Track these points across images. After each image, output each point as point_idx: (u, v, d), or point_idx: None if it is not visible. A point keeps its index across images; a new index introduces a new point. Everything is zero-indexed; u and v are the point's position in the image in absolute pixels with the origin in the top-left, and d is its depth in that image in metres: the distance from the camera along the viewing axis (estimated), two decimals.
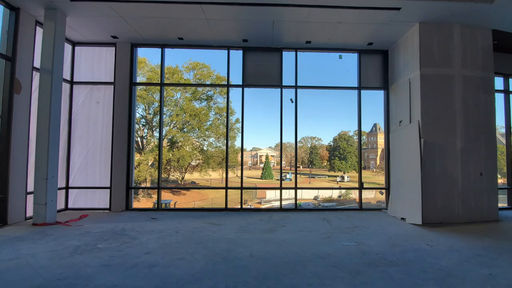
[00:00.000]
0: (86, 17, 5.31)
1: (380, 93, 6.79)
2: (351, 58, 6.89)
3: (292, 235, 4.28)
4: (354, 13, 5.04)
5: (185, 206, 21.62)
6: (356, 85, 6.68)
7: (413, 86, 5.57)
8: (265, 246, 3.75)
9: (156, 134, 23.84)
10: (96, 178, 6.23)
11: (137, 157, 21.68)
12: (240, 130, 6.68)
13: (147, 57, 22.32)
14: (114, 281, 2.62)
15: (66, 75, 6.09)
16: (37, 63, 5.13)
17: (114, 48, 6.32)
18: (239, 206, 6.52)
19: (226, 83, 6.82)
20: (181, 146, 22.99)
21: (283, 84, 6.54)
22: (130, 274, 2.80)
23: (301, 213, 6.08)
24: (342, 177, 40.35)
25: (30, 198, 4.96)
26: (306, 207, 6.78)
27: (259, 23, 5.46)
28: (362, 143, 6.82)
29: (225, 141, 6.67)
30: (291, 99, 6.69)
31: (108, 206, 6.12)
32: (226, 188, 6.51)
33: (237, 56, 6.63)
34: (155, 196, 21.63)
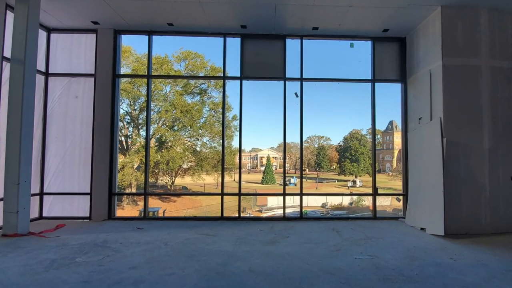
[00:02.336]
0: (63, 0, 5.31)
1: (397, 87, 6.79)
2: (364, 47, 6.90)
3: (297, 248, 4.27)
4: None
5: (176, 215, 21.61)
6: (369, 77, 6.68)
7: (434, 78, 5.56)
8: (266, 260, 3.74)
9: (143, 133, 23.85)
10: (75, 183, 6.23)
11: (121, 159, 21.70)
12: (238, 129, 6.68)
13: (133, 45, 22.32)
14: None
15: (41, 66, 6.08)
16: (7, 53, 5.12)
17: (94, 35, 6.31)
18: (237, 215, 6.51)
19: (222, 75, 6.82)
20: (171, 146, 23.00)
21: (287, 76, 6.54)
22: None
23: (307, 222, 6.07)
24: (354, 182, 40.37)
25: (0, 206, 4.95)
26: (313, 216, 6.76)
27: (259, 7, 5.45)
28: (376, 143, 6.83)
29: (221, 141, 6.68)
30: (295, 93, 6.69)
31: (88, 215, 6.11)
32: (222, 194, 6.50)
33: (234, 44, 6.63)
34: (141, 203, 21.63)
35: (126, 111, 23.76)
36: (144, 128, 24.08)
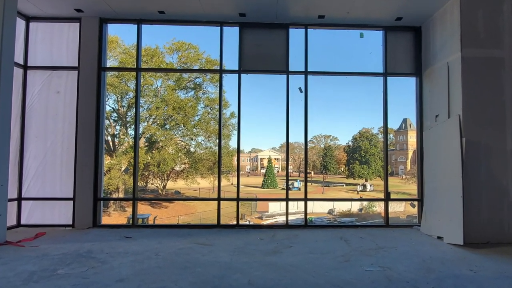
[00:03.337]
0: None
1: (411, 81, 6.80)
2: (375, 37, 6.90)
3: (301, 258, 4.27)
4: None
5: (167, 222, 21.60)
6: (381, 70, 6.68)
7: (452, 72, 5.56)
8: (267, 272, 3.74)
9: (131, 131, 23.86)
10: (56, 187, 6.22)
11: (107, 160, 21.70)
12: (236, 127, 6.68)
13: (120, 35, 22.37)
14: None
15: (18, 58, 6.06)
16: None
17: (78, 24, 6.31)
18: (235, 222, 6.50)
19: (218, 68, 6.81)
20: (162, 146, 23.02)
21: (290, 69, 6.54)
22: None
23: (312, 230, 6.08)
24: (364, 186, 40.40)
25: None
26: (319, 223, 6.78)
27: None
28: (388, 143, 6.83)
29: (217, 140, 6.67)
30: (300, 88, 6.70)
31: (71, 222, 6.10)
32: (219, 199, 6.50)
33: (232, 34, 6.63)
34: (129, 210, 21.65)
35: (113, 108, 23.79)
36: (133, 126, 23.85)
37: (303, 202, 6.55)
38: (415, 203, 6.82)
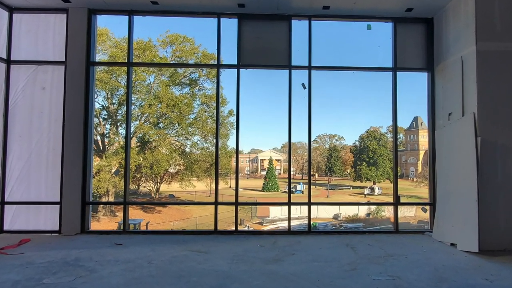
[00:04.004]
0: None
1: (423, 76, 6.80)
2: (384, 29, 6.91)
3: (304, 267, 4.28)
4: None
5: (161, 228, 21.62)
6: (390, 65, 6.69)
7: (466, 67, 5.56)
8: (268, 281, 3.74)
9: (122, 131, 23.89)
10: (42, 190, 6.22)
11: (96, 161, 21.72)
12: (235, 126, 6.69)
13: (110, 27, 22.36)
14: None
15: (1, 52, 6.09)
16: None
17: (65, 15, 6.31)
18: (233, 228, 6.52)
19: (215, 63, 6.82)
20: (155, 147, 23.04)
21: (293, 64, 6.54)
22: None
23: (316, 237, 6.08)
24: (372, 189, 40.42)
25: None
26: (323, 229, 6.79)
27: None
28: (398, 143, 6.83)
29: (215, 140, 6.67)
30: (303, 84, 6.70)
31: (57, 228, 6.10)
32: (216, 203, 6.50)
33: (231, 26, 6.64)
34: (120, 215, 21.65)
35: (103, 105, 23.79)
36: (124, 125, 24.09)
37: (306, 207, 6.56)
38: (427, 207, 6.82)
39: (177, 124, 23.42)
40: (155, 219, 23.40)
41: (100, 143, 23.55)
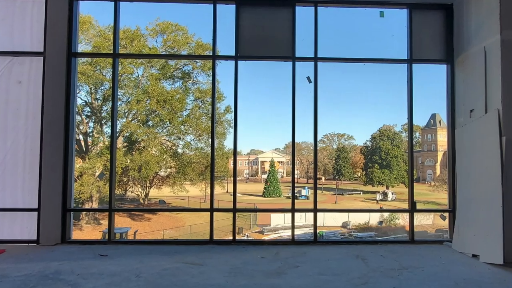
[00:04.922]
0: None
1: (442, 69, 6.80)
2: (398, 17, 6.90)
3: (309, 281, 4.27)
4: None
5: (151, 237, 21.63)
6: (405, 56, 6.69)
7: (490, 58, 5.56)
8: None
9: (107, 129, 23.95)
10: (18, 196, 6.21)
11: (78, 164, 21.75)
12: (233, 124, 6.69)
13: (94, 15, 22.42)
14: None
15: None
16: None
17: (44, 1, 6.31)
18: (231, 237, 6.50)
19: (211, 54, 6.81)
20: (144, 147, 23.07)
21: (297, 55, 6.54)
22: None
23: (323, 247, 6.08)
24: (385, 194, 40.51)
25: None
26: (331, 239, 6.79)
27: None
28: (414, 143, 6.83)
29: (210, 140, 6.68)
30: (308, 78, 6.70)
31: (35, 237, 6.09)
32: (212, 210, 6.49)
33: (228, 13, 6.64)
34: (105, 222, 21.64)
35: (86, 101, 23.85)
36: (109, 123, 24.08)
37: (312, 214, 6.54)
38: (446, 214, 6.82)
39: (168, 122, 23.45)
40: (144, 228, 23.44)
41: (82, 143, 23.58)
